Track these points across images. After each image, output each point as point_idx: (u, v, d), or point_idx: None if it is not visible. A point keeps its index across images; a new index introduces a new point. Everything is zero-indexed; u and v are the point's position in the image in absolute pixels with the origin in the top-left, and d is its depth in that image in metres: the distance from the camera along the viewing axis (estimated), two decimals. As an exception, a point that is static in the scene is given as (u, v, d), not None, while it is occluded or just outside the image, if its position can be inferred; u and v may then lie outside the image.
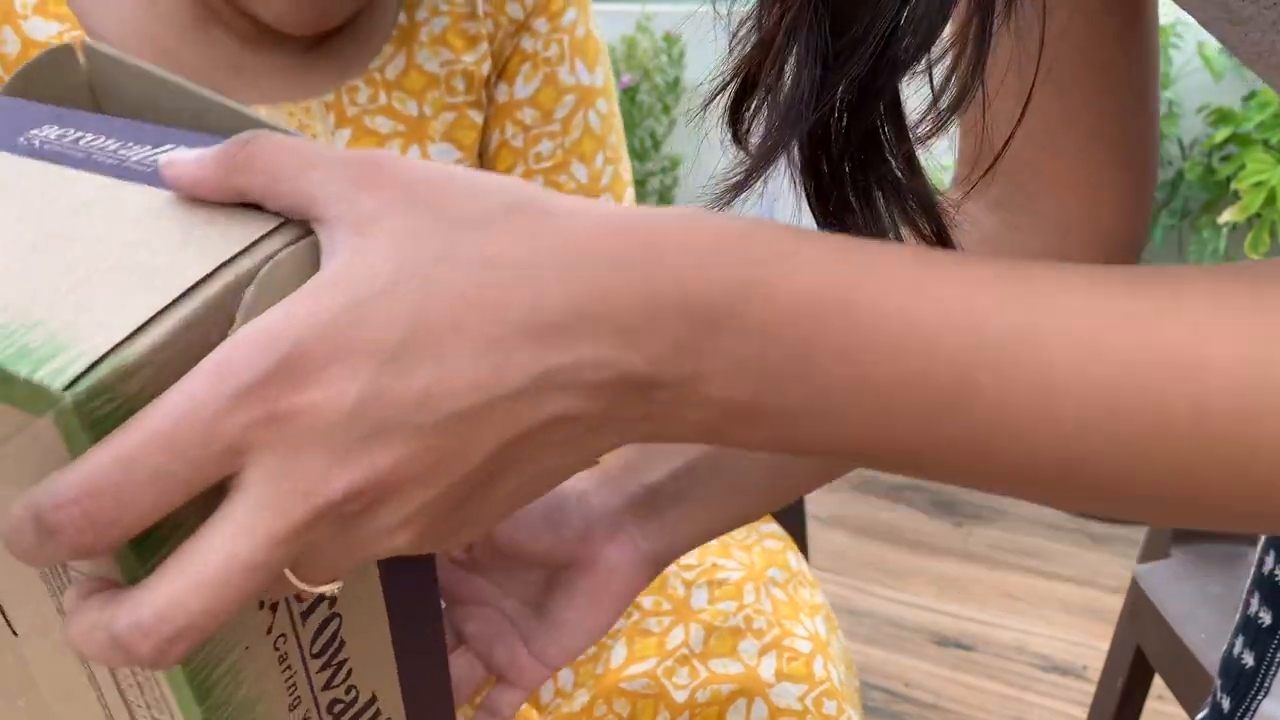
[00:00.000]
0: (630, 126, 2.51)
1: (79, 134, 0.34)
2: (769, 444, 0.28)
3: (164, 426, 0.24)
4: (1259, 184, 1.77)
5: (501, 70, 0.74)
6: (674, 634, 0.69)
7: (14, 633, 0.32)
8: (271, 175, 0.27)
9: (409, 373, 0.24)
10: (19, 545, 0.24)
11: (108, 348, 0.24)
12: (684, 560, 0.73)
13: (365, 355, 0.24)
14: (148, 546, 0.26)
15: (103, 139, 0.33)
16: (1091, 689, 1.17)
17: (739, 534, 0.78)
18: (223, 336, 0.26)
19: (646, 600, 0.70)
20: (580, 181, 0.76)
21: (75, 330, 0.25)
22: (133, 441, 0.23)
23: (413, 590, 0.37)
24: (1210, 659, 0.89)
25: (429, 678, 0.41)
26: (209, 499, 0.25)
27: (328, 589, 0.27)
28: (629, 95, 2.49)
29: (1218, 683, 0.59)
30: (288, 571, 0.26)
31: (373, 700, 0.38)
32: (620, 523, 0.46)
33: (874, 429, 0.27)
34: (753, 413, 0.27)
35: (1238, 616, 0.59)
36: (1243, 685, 0.56)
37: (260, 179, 0.27)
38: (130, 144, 0.32)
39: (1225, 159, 1.89)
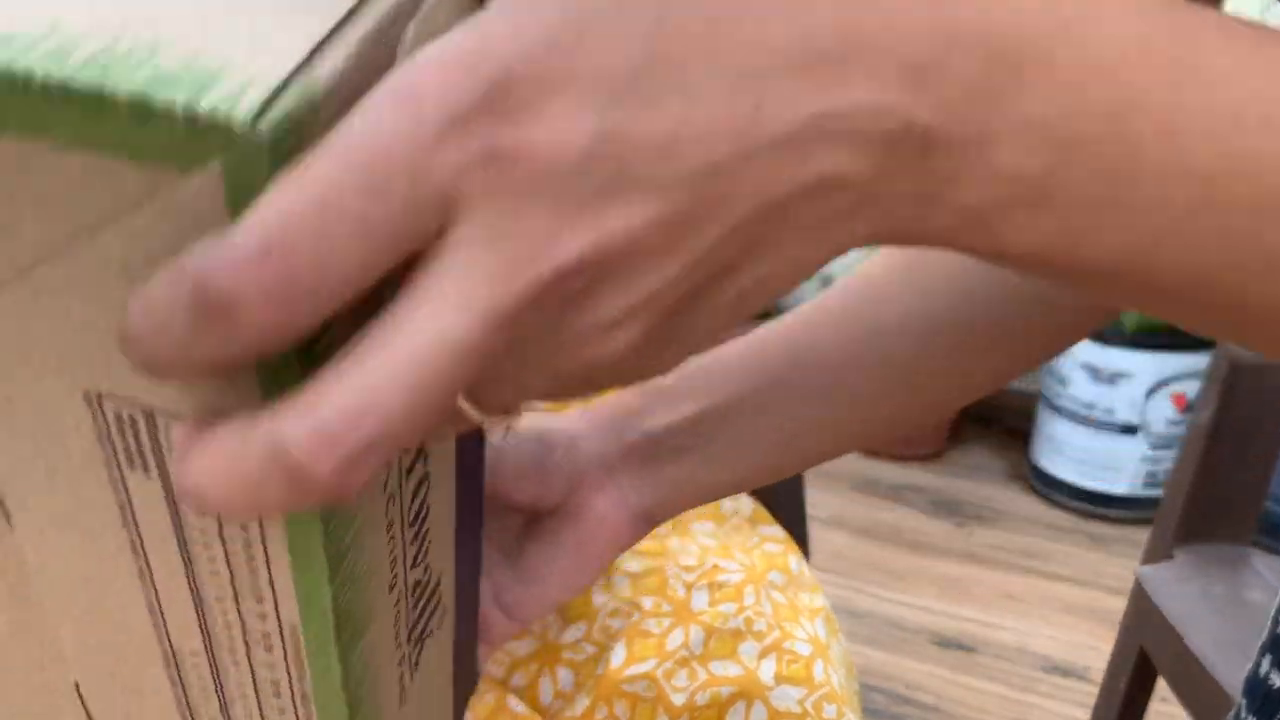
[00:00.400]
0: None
1: None
2: (1046, 250, 0.22)
3: (361, 161, 0.17)
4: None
5: None
6: (674, 635, 0.69)
7: (8, 524, 0.24)
8: None
9: (651, 109, 0.19)
10: (158, 339, 0.17)
11: (287, 72, 0.18)
12: (685, 562, 0.73)
13: (594, 84, 0.18)
14: (312, 357, 0.19)
15: None
16: (1094, 690, 1.17)
17: (740, 536, 0.78)
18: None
19: (646, 601, 0.70)
20: None
21: (223, 53, 0.18)
22: (326, 181, 0.17)
23: (473, 457, 0.32)
24: (1214, 661, 0.89)
25: (472, 571, 0.35)
26: (365, 309, 0.19)
27: (506, 422, 0.22)
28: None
29: (1241, 702, 0.58)
30: (461, 396, 0.20)
31: (437, 586, 0.31)
32: (613, 472, 0.42)
33: (1185, 236, 0.22)
34: (1042, 196, 0.21)
35: (1264, 635, 0.57)
36: (1270, 706, 0.54)
37: None
38: None
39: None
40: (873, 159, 0.20)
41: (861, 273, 0.46)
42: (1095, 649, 1.69)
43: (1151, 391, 2.01)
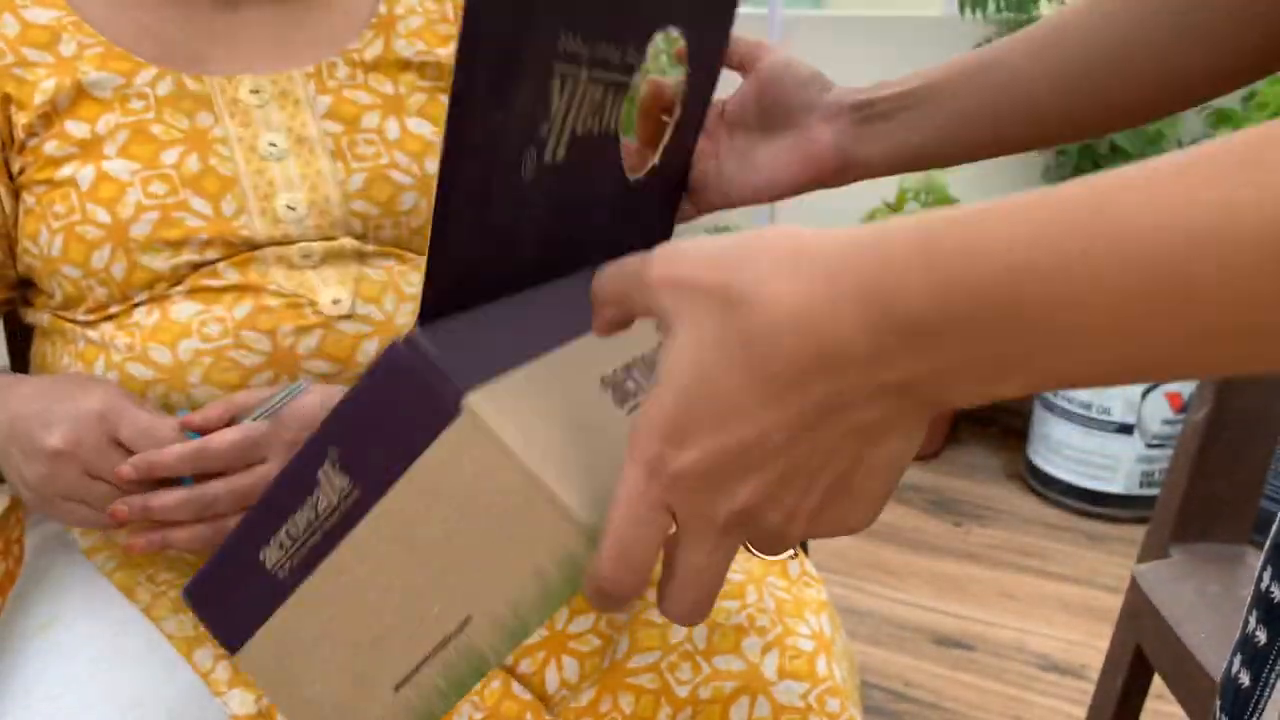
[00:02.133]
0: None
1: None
2: (1036, 388, 0.31)
3: (627, 513, 0.35)
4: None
5: None
6: (677, 627, 0.69)
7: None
8: (614, 303, 0.38)
9: (727, 433, 0.33)
10: (597, 600, 0.36)
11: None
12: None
13: (696, 433, 0.33)
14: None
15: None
16: (1091, 688, 1.18)
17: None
18: None
19: (650, 592, 0.71)
20: None
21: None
22: (625, 527, 0.35)
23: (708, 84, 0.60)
24: (1210, 659, 0.89)
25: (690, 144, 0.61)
26: None
27: (783, 554, 0.36)
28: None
29: (1218, 703, 0.58)
30: (748, 545, 0.38)
31: None
32: (839, 115, 0.60)
33: (1107, 348, 0.28)
34: (1002, 375, 0.30)
35: (1237, 634, 0.58)
36: (1239, 706, 0.56)
37: (611, 310, 0.39)
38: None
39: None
40: (874, 408, 0.32)
41: (1058, 11, 0.59)
42: (1092, 647, 1.70)
43: (1147, 391, 2.02)
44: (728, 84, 0.60)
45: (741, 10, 0.56)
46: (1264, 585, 0.56)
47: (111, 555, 0.71)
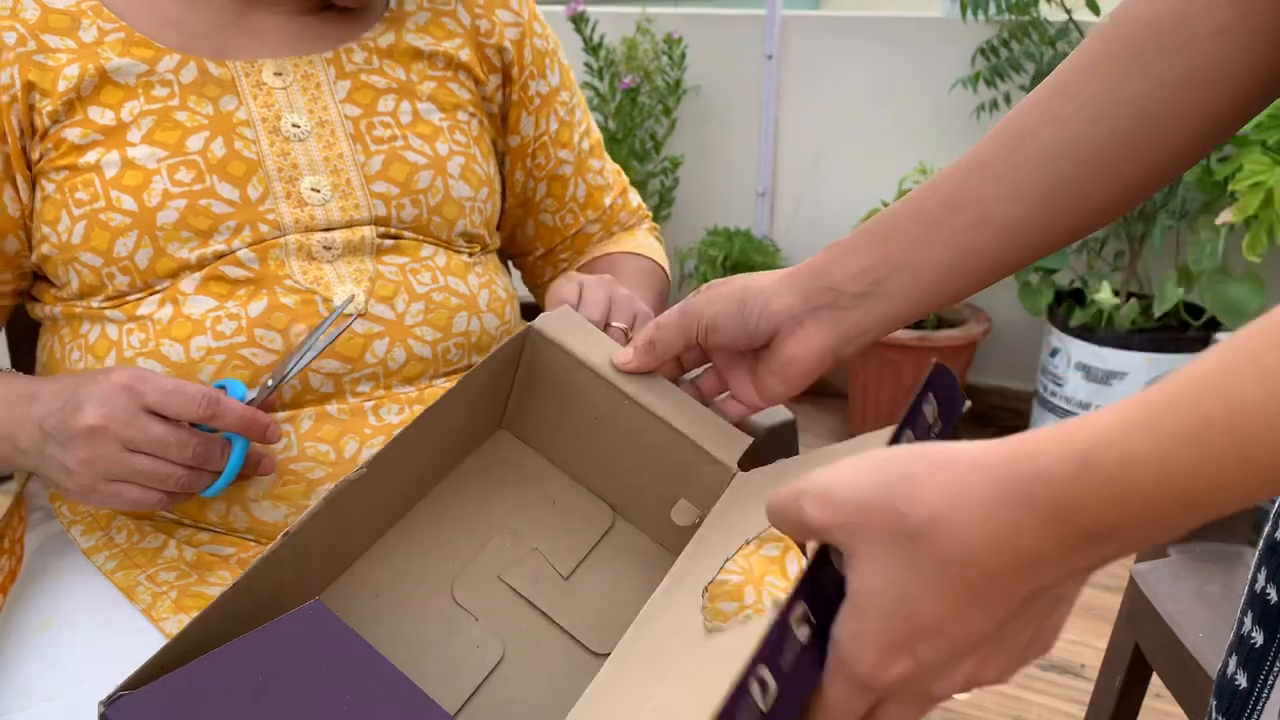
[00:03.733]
0: (630, 128, 2.52)
1: None
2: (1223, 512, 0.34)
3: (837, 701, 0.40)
4: (1256, 185, 1.78)
5: (508, 109, 0.88)
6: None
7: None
8: (792, 529, 0.41)
9: (941, 638, 0.37)
10: None
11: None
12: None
13: (907, 646, 0.37)
14: None
15: None
16: (1089, 687, 1.18)
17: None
18: None
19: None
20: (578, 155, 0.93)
21: None
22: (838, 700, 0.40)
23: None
24: (1208, 658, 0.89)
25: None
26: None
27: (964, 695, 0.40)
28: (630, 96, 2.50)
29: (1213, 703, 0.58)
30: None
31: None
32: (801, 322, 0.59)
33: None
34: (1174, 535, 0.34)
35: (1231, 635, 0.58)
36: (1236, 707, 0.56)
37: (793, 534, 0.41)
38: None
39: (1223, 160, 1.90)
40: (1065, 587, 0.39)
41: (1002, 122, 0.57)
42: (1090, 646, 1.70)
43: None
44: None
45: (740, 11, 0.56)
46: (1259, 586, 0.56)
47: (111, 555, 0.71)
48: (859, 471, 0.38)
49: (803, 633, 0.39)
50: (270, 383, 0.66)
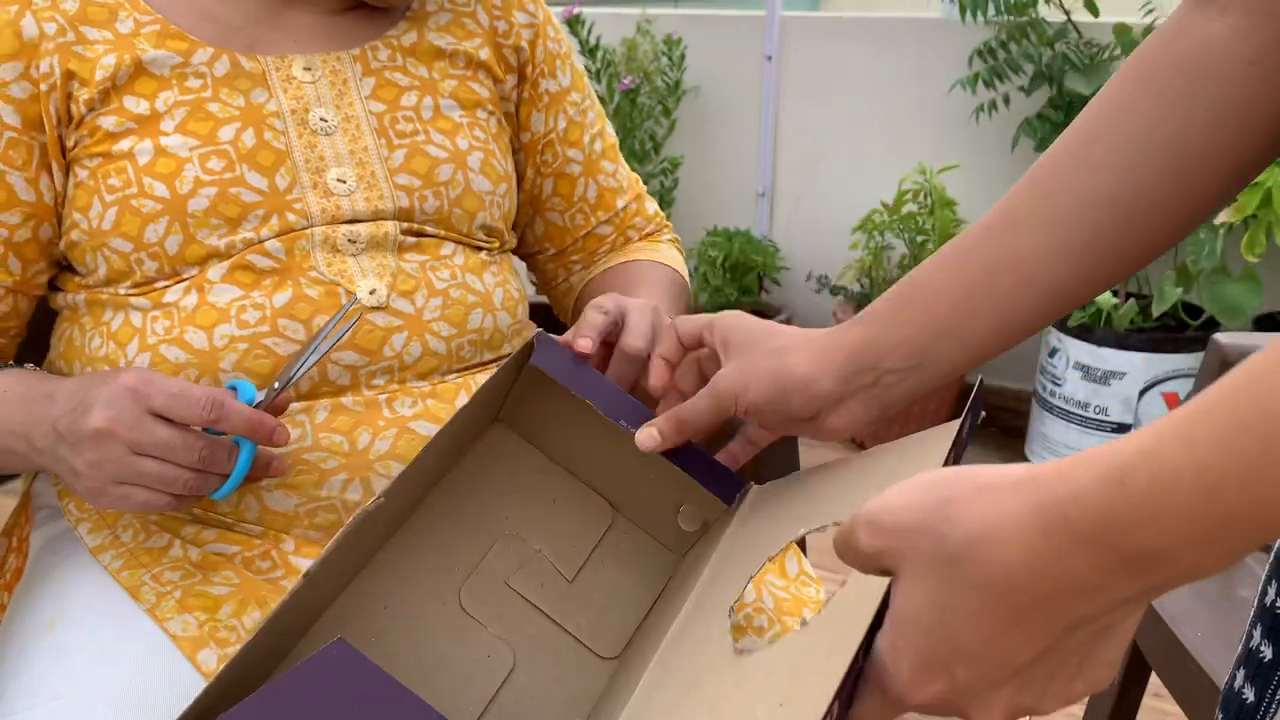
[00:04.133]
0: (630, 128, 2.52)
1: None
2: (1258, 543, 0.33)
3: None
4: (1255, 185, 1.78)
5: (520, 105, 0.89)
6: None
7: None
8: (854, 560, 0.41)
9: (981, 659, 0.37)
10: None
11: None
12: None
13: (946, 666, 0.38)
14: None
15: None
16: (1088, 687, 1.18)
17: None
18: None
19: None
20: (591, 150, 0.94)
21: None
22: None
23: None
24: (1207, 658, 0.90)
25: None
26: None
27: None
28: (629, 97, 2.50)
29: (1219, 716, 0.58)
30: None
31: None
32: (844, 400, 0.58)
33: None
34: (1223, 562, 0.33)
35: (1239, 649, 0.58)
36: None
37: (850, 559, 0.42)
38: None
39: (1221, 161, 1.90)
40: (1105, 616, 0.36)
41: (1032, 171, 0.56)
42: (1090, 646, 1.70)
43: (1144, 391, 2.03)
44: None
45: (739, 11, 0.57)
46: (1269, 599, 0.56)
47: (118, 555, 0.72)
48: (905, 495, 0.38)
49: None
50: (277, 385, 0.66)
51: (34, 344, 0.82)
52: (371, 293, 0.74)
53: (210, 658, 0.65)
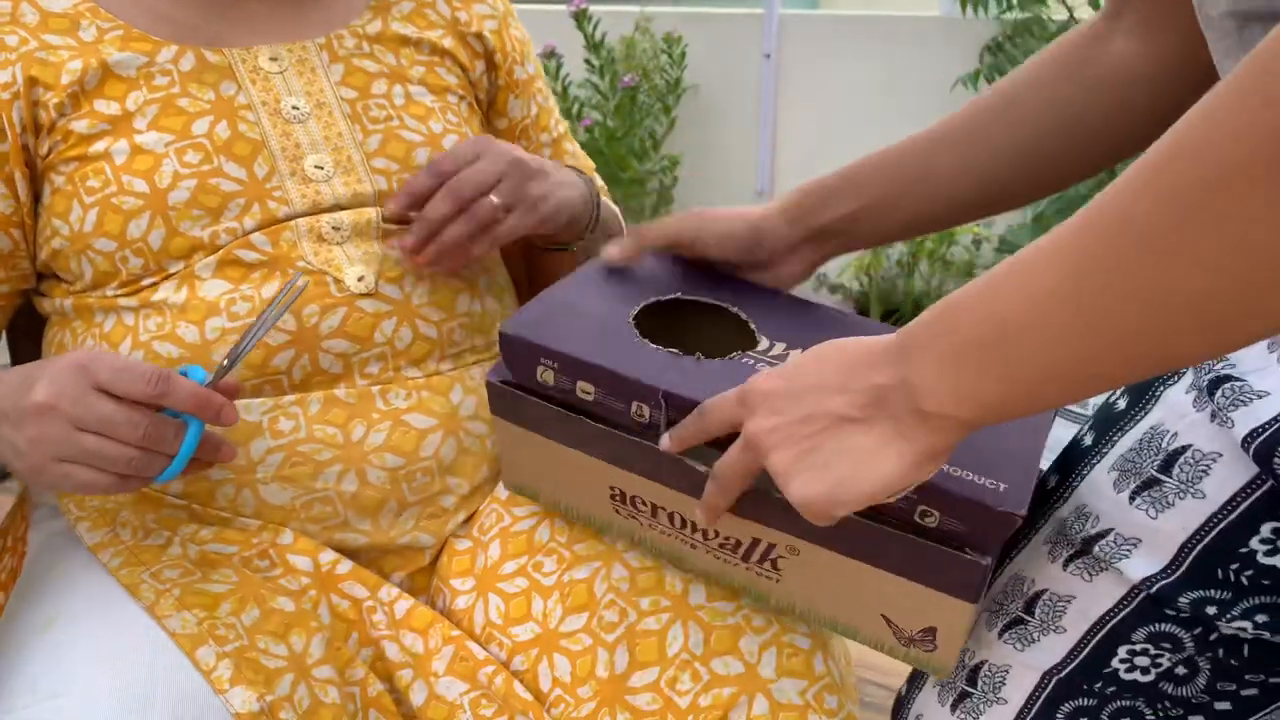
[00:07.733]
0: (630, 127, 2.52)
1: None
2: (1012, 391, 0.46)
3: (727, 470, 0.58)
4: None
5: (493, 99, 0.92)
6: (673, 632, 0.69)
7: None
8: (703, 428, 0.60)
9: (803, 392, 0.53)
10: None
11: None
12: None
13: (774, 407, 0.54)
14: None
15: None
16: (1087, 685, 1.18)
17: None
18: None
19: (644, 601, 0.71)
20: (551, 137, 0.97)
21: None
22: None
23: None
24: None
25: None
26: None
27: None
28: (629, 95, 2.50)
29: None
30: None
31: None
32: (796, 248, 0.75)
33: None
34: (981, 375, 0.46)
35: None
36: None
37: (694, 430, 0.60)
38: None
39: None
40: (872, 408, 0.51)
41: (963, 111, 0.72)
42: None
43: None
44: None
45: (739, 10, 0.57)
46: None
47: (117, 553, 0.72)
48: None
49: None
50: (225, 363, 0.65)
51: (33, 345, 0.82)
52: (360, 279, 0.75)
53: (209, 655, 0.65)
